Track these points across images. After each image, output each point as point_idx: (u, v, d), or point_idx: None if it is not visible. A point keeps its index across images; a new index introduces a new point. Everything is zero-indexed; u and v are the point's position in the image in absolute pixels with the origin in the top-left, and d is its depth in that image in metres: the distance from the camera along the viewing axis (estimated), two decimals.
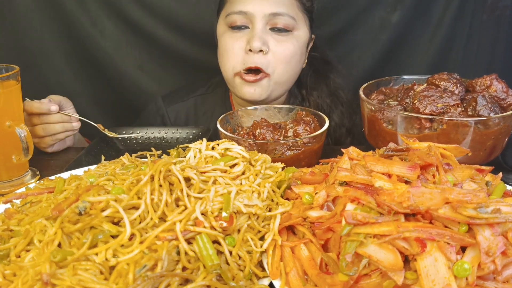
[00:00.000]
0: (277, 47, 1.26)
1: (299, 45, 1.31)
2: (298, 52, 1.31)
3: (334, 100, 1.48)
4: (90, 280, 0.57)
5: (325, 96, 1.47)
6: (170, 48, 1.98)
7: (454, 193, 0.59)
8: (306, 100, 1.48)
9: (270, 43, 1.25)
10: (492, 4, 1.92)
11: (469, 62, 2.01)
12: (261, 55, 1.25)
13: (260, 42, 1.22)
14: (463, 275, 0.54)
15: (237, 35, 1.27)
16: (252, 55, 1.24)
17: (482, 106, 0.96)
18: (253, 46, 1.22)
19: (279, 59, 1.27)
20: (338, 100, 1.48)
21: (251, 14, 1.23)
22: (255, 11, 1.23)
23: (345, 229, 0.59)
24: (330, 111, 1.46)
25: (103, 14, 1.91)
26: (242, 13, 1.24)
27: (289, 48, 1.27)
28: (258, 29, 1.23)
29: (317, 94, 1.47)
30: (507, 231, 0.57)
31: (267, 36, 1.25)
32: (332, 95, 1.48)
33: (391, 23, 1.94)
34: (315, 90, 1.47)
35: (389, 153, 0.75)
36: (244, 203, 0.71)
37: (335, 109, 1.47)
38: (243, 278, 0.65)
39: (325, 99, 1.47)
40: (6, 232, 0.71)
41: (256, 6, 1.23)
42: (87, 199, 0.65)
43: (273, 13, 1.23)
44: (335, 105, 1.47)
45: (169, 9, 1.91)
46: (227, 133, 1.03)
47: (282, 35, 1.27)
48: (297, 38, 1.30)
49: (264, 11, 1.23)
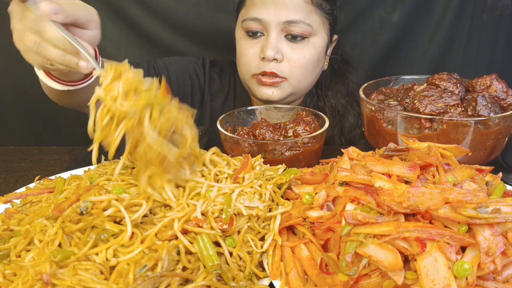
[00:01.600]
0: (292, 55, 1.26)
1: (316, 51, 1.29)
2: (314, 58, 1.30)
3: (350, 100, 1.47)
4: (90, 280, 0.57)
5: (341, 97, 1.46)
6: (170, 48, 1.98)
7: (454, 193, 0.59)
8: (322, 99, 1.47)
9: (285, 50, 1.25)
10: (492, 4, 1.92)
11: (469, 62, 2.01)
12: (276, 63, 1.25)
13: (274, 51, 1.22)
14: (463, 275, 0.54)
15: (253, 41, 1.28)
16: (267, 63, 1.25)
17: (482, 106, 0.96)
18: (266, 55, 1.23)
19: (295, 66, 1.27)
20: (355, 101, 1.46)
21: (265, 21, 1.23)
22: (269, 19, 1.22)
23: (345, 229, 0.59)
24: (345, 112, 1.45)
25: (103, 14, 1.90)
26: (257, 20, 1.24)
27: (304, 56, 1.27)
28: (272, 38, 1.23)
29: (331, 94, 1.46)
30: (507, 231, 0.57)
31: (282, 44, 1.25)
32: (349, 96, 1.47)
33: (391, 23, 1.94)
34: (330, 90, 1.46)
35: (389, 153, 0.75)
36: (245, 205, 0.71)
37: (351, 110, 1.45)
38: (243, 278, 0.65)
39: (340, 100, 1.45)
40: (6, 232, 0.72)
41: (271, 14, 1.22)
42: (89, 199, 0.65)
43: (288, 21, 1.22)
44: (350, 105, 1.46)
45: (169, 9, 1.91)
46: (227, 133, 1.03)
47: (297, 42, 1.26)
48: (314, 45, 1.29)
49: (279, 19, 1.22)
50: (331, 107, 1.45)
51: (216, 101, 1.52)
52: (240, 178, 0.78)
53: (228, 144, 1.04)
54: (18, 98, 2.04)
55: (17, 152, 1.27)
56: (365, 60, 2.02)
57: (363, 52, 2.00)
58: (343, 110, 1.44)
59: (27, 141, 2.12)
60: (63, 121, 2.09)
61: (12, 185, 1.08)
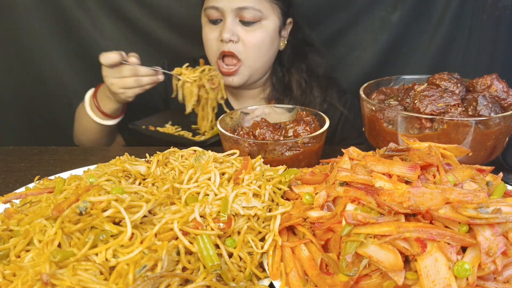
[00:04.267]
0: (246, 37, 1.45)
1: (268, 32, 1.48)
2: (267, 39, 1.48)
3: (310, 75, 1.67)
4: (90, 280, 0.57)
5: (302, 72, 1.66)
6: (170, 48, 1.98)
7: (454, 193, 0.59)
8: (286, 75, 1.66)
9: (240, 33, 1.44)
10: (492, 4, 1.92)
11: (469, 62, 2.01)
12: (232, 44, 1.44)
13: (229, 34, 1.42)
14: (463, 275, 0.54)
15: (213, 27, 1.48)
16: (225, 44, 1.44)
17: (482, 106, 0.96)
18: (223, 37, 1.42)
19: (250, 47, 1.45)
20: (315, 75, 1.67)
21: (221, 9, 1.43)
22: (224, 6, 1.42)
23: (346, 230, 0.59)
24: (308, 86, 1.66)
25: (103, 14, 1.91)
26: (215, 8, 1.44)
27: (257, 37, 1.46)
28: (228, 22, 1.43)
29: (295, 70, 1.65)
30: (508, 231, 0.57)
31: (237, 28, 1.44)
32: (309, 71, 1.67)
33: (391, 23, 1.94)
34: (293, 67, 1.66)
35: (389, 153, 0.75)
36: (242, 206, 0.71)
37: (313, 83, 1.66)
38: (243, 278, 0.65)
39: (302, 74, 1.65)
40: (6, 232, 0.71)
41: (225, 2, 1.42)
42: (88, 199, 0.65)
43: (240, 7, 1.42)
44: (311, 79, 1.66)
45: (168, 9, 1.91)
46: (227, 133, 1.03)
47: (250, 26, 1.45)
48: (266, 28, 1.47)
49: (232, 6, 1.42)
50: (295, 82, 1.65)
51: None
52: (240, 179, 0.78)
53: (228, 144, 1.04)
54: (18, 98, 2.04)
55: (16, 152, 1.27)
56: (365, 60, 2.02)
57: (363, 52, 2.01)
58: (305, 84, 1.65)
59: (27, 141, 2.12)
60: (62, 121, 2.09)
61: (11, 185, 1.08)
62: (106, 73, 1.33)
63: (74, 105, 1.55)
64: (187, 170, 0.83)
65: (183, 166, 0.87)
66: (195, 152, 0.93)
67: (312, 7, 1.91)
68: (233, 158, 0.88)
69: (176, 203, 0.73)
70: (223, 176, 0.80)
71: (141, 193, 0.73)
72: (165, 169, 0.87)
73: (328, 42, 1.99)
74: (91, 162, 1.18)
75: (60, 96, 2.04)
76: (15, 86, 2.02)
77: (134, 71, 1.33)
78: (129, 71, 1.32)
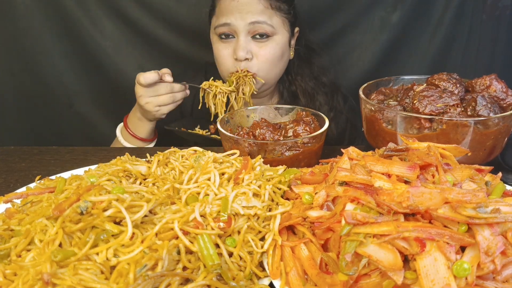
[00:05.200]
0: (259, 52, 1.45)
1: (280, 46, 1.48)
2: (279, 53, 1.48)
3: (316, 83, 1.66)
4: (90, 279, 0.57)
5: (308, 80, 1.65)
6: (170, 48, 1.98)
7: (453, 193, 0.59)
8: (293, 84, 1.66)
9: (253, 49, 1.44)
10: (492, 4, 1.92)
11: (469, 62, 2.01)
12: (247, 62, 1.44)
13: (244, 52, 1.42)
14: (462, 274, 0.54)
15: (226, 44, 1.47)
16: (239, 63, 1.44)
17: (481, 106, 0.96)
18: (238, 56, 1.42)
19: (262, 61, 1.46)
20: (320, 82, 1.66)
21: (234, 25, 1.42)
22: (237, 23, 1.41)
23: (345, 229, 0.59)
24: (315, 93, 1.65)
25: (103, 14, 1.91)
26: (227, 24, 1.42)
27: (270, 52, 1.45)
28: (241, 40, 1.42)
29: (301, 78, 1.65)
30: (507, 231, 0.57)
31: (250, 44, 1.44)
32: (315, 78, 1.66)
33: (391, 23, 1.94)
34: (299, 75, 1.65)
35: (388, 153, 0.75)
36: (242, 205, 0.71)
37: (319, 91, 1.65)
38: (243, 278, 0.65)
39: (308, 82, 1.65)
40: (7, 231, 0.72)
41: (238, 18, 1.41)
42: (89, 199, 0.65)
43: (253, 22, 1.40)
44: (318, 87, 1.66)
45: (169, 9, 1.91)
46: (227, 133, 1.04)
47: (263, 40, 1.44)
48: (277, 41, 1.47)
49: (245, 22, 1.40)
50: (302, 90, 1.65)
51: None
52: (240, 179, 0.78)
53: (228, 144, 1.04)
54: (18, 98, 2.04)
55: (17, 152, 1.27)
56: (365, 60, 2.02)
57: (363, 52, 2.01)
58: (312, 92, 1.65)
59: (27, 141, 2.12)
60: (63, 121, 2.10)
61: (12, 185, 1.08)
62: (142, 92, 1.33)
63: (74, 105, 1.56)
64: (187, 170, 0.84)
65: (183, 166, 0.87)
66: (195, 152, 0.94)
67: (313, 8, 1.91)
68: (233, 158, 0.88)
69: (176, 202, 0.73)
70: (222, 176, 0.81)
71: (142, 193, 0.74)
72: (165, 169, 0.88)
73: (328, 42, 1.99)
74: (92, 162, 1.19)
75: (60, 96, 2.04)
76: (15, 86, 2.02)
77: (169, 88, 1.35)
78: (165, 88, 1.34)
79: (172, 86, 1.36)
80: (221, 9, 1.45)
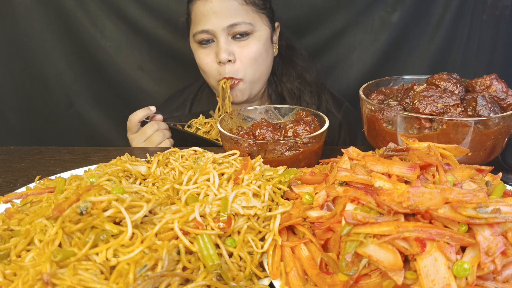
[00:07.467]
0: (242, 52, 1.43)
1: (262, 43, 1.46)
2: (262, 49, 1.47)
3: (301, 82, 1.65)
4: (90, 280, 0.57)
5: (293, 80, 1.64)
6: (170, 48, 1.98)
7: (453, 193, 0.59)
8: (279, 85, 1.64)
9: (235, 50, 1.43)
10: (492, 4, 1.92)
11: (469, 62, 2.01)
12: (231, 64, 1.43)
13: (226, 53, 1.40)
14: (462, 275, 0.54)
15: (207, 50, 1.46)
16: (223, 66, 1.43)
17: (482, 106, 0.96)
18: (220, 58, 1.40)
19: (246, 62, 1.44)
20: (305, 81, 1.65)
21: (212, 30, 1.41)
22: (214, 27, 1.40)
23: (345, 229, 0.59)
24: (301, 93, 1.63)
25: (103, 14, 1.91)
26: (205, 31, 1.42)
27: (252, 51, 1.44)
28: (222, 43, 1.41)
29: (286, 78, 1.64)
30: (507, 231, 0.57)
31: (231, 46, 1.42)
32: (299, 78, 1.65)
33: (391, 23, 1.94)
34: (284, 76, 1.64)
35: (389, 153, 0.75)
36: (242, 205, 0.71)
37: (304, 90, 1.63)
38: (243, 278, 0.65)
39: (294, 83, 1.63)
40: (7, 232, 0.71)
41: (215, 23, 1.40)
42: (89, 199, 0.65)
43: (231, 25, 1.40)
44: (303, 86, 1.64)
45: (169, 9, 1.91)
46: (227, 133, 1.04)
47: (243, 39, 1.43)
48: (258, 38, 1.46)
49: (222, 25, 1.39)
50: (287, 91, 1.63)
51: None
52: (240, 179, 0.78)
53: (228, 144, 1.04)
54: (18, 98, 2.04)
55: (17, 152, 1.27)
56: (365, 60, 2.02)
57: (363, 52, 2.01)
58: (298, 92, 1.63)
59: (27, 141, 2.12)
60: (63, 121, 2.10)
61: (12, 185, 1.08)
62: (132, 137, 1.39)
63: (74, 105, 1.56)
64: (187, 170, 0.84)
65: (183, 166, 0.87)
66: (195, 152, 0.94)
67: (313, 8, 1.91)
68: (232, 159, 0.88)
69: (176, 203, 0.73)
70: (222, 176, 0.81)
71: (142, 193, 0.74)
72: (165, 169, 0.88)
73: (328, 42, 1.99)
74: (92, 162, 1.19)
75: (60, 96, 2.04)
76: (15, 86, 2.02)
77: (156, 126, 1.37)
78: (151, 128, 1.37)
79: (159, 124, 1.39)
80: (196, 15, 1.44)
